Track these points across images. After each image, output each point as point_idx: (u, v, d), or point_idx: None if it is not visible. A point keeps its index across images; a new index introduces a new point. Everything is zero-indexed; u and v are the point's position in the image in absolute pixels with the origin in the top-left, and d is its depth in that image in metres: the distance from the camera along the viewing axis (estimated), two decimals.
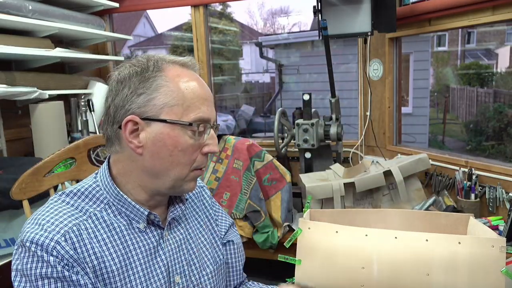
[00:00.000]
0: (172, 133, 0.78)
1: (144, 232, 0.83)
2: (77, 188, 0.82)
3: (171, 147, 0.78)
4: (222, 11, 13.10)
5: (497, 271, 0.93)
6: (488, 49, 13.03)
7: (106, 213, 0.81)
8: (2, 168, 1.80)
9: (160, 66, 0.80)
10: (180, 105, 0.78)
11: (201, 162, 0.83)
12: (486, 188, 1.78)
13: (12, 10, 1.98)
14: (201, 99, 0.80)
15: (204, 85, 0.84)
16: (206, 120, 0.80)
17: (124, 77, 0.80)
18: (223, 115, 7.86)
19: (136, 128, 0.78)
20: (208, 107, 0.81)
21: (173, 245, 0.86)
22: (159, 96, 0.77)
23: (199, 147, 0.81)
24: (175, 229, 0.89)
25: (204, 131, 0.81)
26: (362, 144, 2.49)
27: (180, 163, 0.80)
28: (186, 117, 0.78)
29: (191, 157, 0.80)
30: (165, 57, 0.83)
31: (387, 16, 1.96)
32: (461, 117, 9.75)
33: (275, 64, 7.53)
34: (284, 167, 2.26)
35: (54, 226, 0.74)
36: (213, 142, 0.83)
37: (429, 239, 0.99)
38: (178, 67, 0.82)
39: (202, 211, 0.99)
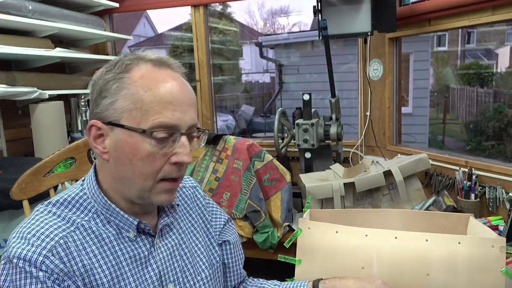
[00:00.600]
0: (130, 140, 0.72)
1: (134, 241, 0.80)
2: (64, 197, 0.79)
3: (130, 155, 0.73)
4: (222, 11, 13.10)
5: (497, 271, 0.93)
6: (488, 49, 13.03)
7: (94, 222, 0.77)
8: (2, 168, 1.80)
9: (127, 66, 0.75)
10: (138, 109, 0.72)
11: (169, 173, 0.75)
12: (486, 188, 1.78)
13: (12, 10, 1.98)
14: (164, 103, 0.72)
15: (180, 87, 0.76)
16: (171, 127, 0.73)
17: (94, 80, 0.78)
18: (223, 115, 7.86)
19: (101, 133, 0.75)
20: (176, 112, 0.73)
21: (165, 253, 0.83)
22: (119, 100, 0.73)
23: (165, 156, 0.74)
24: (166, 236, 0.85)
25: (169, 138, 0.74)
26: (362, 144, 2.49)
27: (142, 173, 0.74)
28: (144, 122, 0.72)
29: (153, 166, 0.74)
30: (140, 55, 0.77)
31: (387, 16, 1.96)
32: (461, 117, 9.75)
33: (275, 64, 7.53)
34: (284, 167, 2.26)
35: (41, 241, 0.71)
36: (183, 151, 0.75)
37: (429, 239, 0.99)
38: (150, 66, 0.75)
39: (196, 212, 0.96)
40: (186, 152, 0.75)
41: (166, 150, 0.74)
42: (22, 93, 2.01)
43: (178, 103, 0.74)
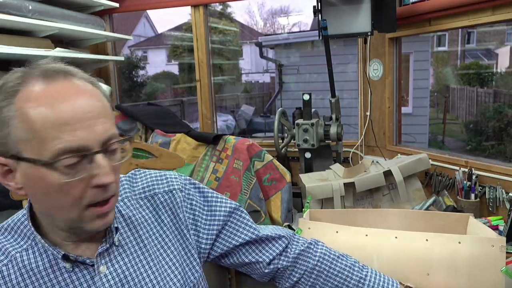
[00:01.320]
0: (37, 173, 0.63)
1: (72, 272, 0.71)
2: (8, 223, 0.74)
3: (42, 189, 0.64)
4: (222, 11, 13.11)
5: (497, 270, 0.93)
6: (488, 49, 13.04)
7: (31, 251, 0.71)
8: None
9: (13, 88, 0.63)
10: (34, 138, 0.61)
11: (94, 197, 0.66)
12: (486, 188, 1.78)
13: (12, 10, 1.98)
14: (60, 125, 0.61)
15: (77, 100, 0.64)
16: (76, 150, 0.62)
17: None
18: (223, 115, 7.87)
19: (7, 169, 0.66)
20: (78, 131, 0.62)
21: (112, 281, 0.73)
22: (13, 130, 0.62)
23: (83, 181, 0.64)
24: (117, 259, 0.75)
25: (81, 161, 0.63)
26: (362, 144, 2.49)
27: (61, 205, 0.65)
28: (44, 152, 0.61)
29: (73, 196, 0.64)
30: (29, 70, 0.66)
31: (387, 16, 1.96)
32: (461, 117, 9.75)
33: (275, 64, 7.54)
34: (284, 167, 2.26)
35: None
36: (101, 171, 0.64)
37: (429, 239, 0.99)
38: (40, 82, 0.64)
39: (173, 221, 0.84)
40: (105, 172, 0.65)
41: (82, 175, 0.64)
42: None
43: (78, 120, 0.62)
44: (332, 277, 0.90)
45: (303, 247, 0.93)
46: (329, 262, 0.91)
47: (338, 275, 0.90)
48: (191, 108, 8.24)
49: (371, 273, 0.92)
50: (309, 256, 0.92)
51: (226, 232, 0.90)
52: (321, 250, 0.93)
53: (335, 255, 0.93)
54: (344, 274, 0.90)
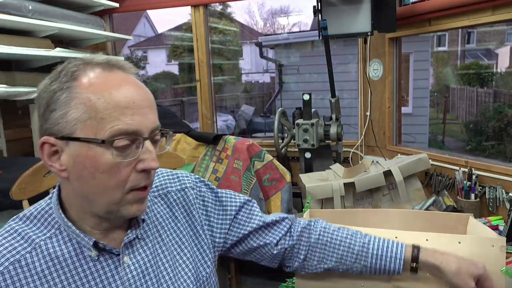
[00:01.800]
0: (89, 152, 0.66)
1: (97, 261, 0.73)
2: (31, 211, 0.75)
3: (91, 169, 0.67)
4: (222, 11, 13.11)
5: (497, 270, 0.93)
6: (488, 49, 13.04)
7: (55, 239, 0.72)
8: (2, 168, 1.80)
9: (73, 73, 0.68)
10: (93, 118, 0.66)
11: (138, 181, 0.70)
12: (486, 188, 1.78)
13: (12, 10, 1.98)
14: (121, 108, 0.66)
15: (135, 89, 0.70)
16: (132, 133, 0.67)
17: (39, 93, 0.71)
18: (223, 115, 7.87)
19: (55, 149, 0.69)
20: (135, 116, 0.67)
21: (134, 271, 0.76)
22: (71, 111, 0.66)
23: (130, 164, 0.69)
24: (140, 251, 0.78)
25: (131, 145, 0.68)
26: (362, 144, 2.49)
27: (107, 186, 0.68)
28: (102, 132, 0.66)
29: (119, 177, 0.68)
30: (87, 59, 0.71)
31: (387, 16, 1.96)
32: (461, 117, 9.76)
33: (275, 64, 7.54)
34: (284, 167, 2.26)
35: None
36: (148, 156, 0.69)
37: (429, 239, 0.99)
38: (99, 70, 0.69)
39: (186, 218, 0.88)
40: (152, 158, 0.70)
41: (130, 158, 0.68)
42: (22, 93, 2.01)
43: (136, 106, 0.68)
44: (336, 247, 0.94)
45: (304, 225, 0.98)
46: (330, 233, 0.95)
47: (341, 243, 0.93)
48: (191, 108, 8.24)
49: (374, 238, 0.94)
50: (311, 231, 0.97)
51: (237, 224, 0.94)
52: (321, 225, 0.98)
53: (335, 227, 0.97)
54: (347, 242, 0.93)
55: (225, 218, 0.93)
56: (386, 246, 0.91)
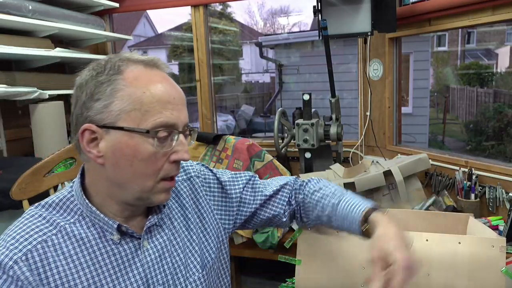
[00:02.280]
0: (130, 141, 0.72)
1: (118, 244, 0.78)
2: (53, 199, 0.79)
3: (130, 156, 0.72)
4: (222, 11, 13.10)
5: (497, 271, 0.93)
6: (488, 49, 13.04)
7: (79, 224, 0.77)
8: (2, 168, 1.80)
9: (119, 67, 0.74)
10: (137, 110, 0.72)
11: (169, 171, 0.76)
12: (486, 188, 1.78)
13: (12, 10, 1.98)
14: (163, 103, 0.73)
15: (172, 86, 0.77)
16: (170, 126, 0.74)
17: (81, 82, 0.75)
18: (223, 115, 7.86)
19: (94, 136, 0.73)
20: (174, 111, 0.74)
21: (153, 255, 0.81)
22: (115, 102, 0.72)
23: (165, 155, 0.75)
24: (157, 236, 0.83)
25: (168, 137, 0.74)
26: (362, 144, 2.49)
27: (143, 173, 0.74)
28: (145, 123, 0.72)
29: (155, 166, 0.74)
30: (129, 56, 0.77)
31: (387, 16, 1.96)
32: (461, 117, 9.75)
33: (275, 64, 7.53)
34: (284, 167, 2.26)
35: (18, 244, 0.72)
36: (182, 148, 0.76)
37: (429, 239, 0.99)
38: (142, 67, 0.76)
39: (192, 206, 0.92)
40: (185, 150, 0.76)
41: (166, 149, 0.74)
42: (22, 93, 2.01)
43: (175, 102, 0.75)
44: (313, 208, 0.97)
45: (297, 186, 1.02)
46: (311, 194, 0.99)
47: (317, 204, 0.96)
48: (191, 108, 8.18)
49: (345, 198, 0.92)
50: (299, 193, 1.02)
51: (243, 204, 0.99)
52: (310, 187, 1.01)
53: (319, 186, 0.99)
54: (320, 203, 0.96)
55: (232, 201, 0.97)
56: (350, 207, 0.89)
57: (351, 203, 0.90)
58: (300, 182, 1.03)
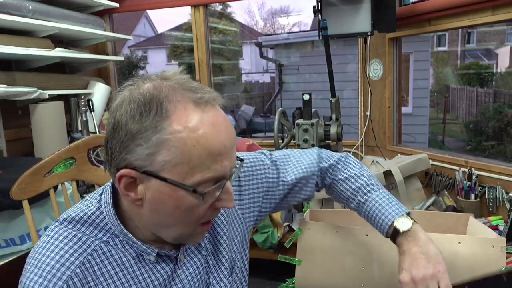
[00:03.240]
0: (173, 194, 0.65)
1: (156, 263, 0.74)
2: (80, 215, 0.73)
3: (172, 207, 0.66)
4: (222, 11, 13.10)
5: (497, 270, 0.93)
6: (488, 49, 13.03)
7: (113, 243, 0.72)
8: (2, 168, 1.80)
9: (166, 110, 0.63)
10: (185, 164, 0.63)
11: (210, 217, 0.71)
12: (486, 188, 1.78)
13: (12, 10, 1.98)
14: (214, 155, 0.64)
15: (225, 130, 0.66)
16: (218, 179, 0.66)
17: (119, 119, 0.65)
18: None
19: (133, 180, 0.66)
20: (224, 162, 0.65)
21: (191, 269, 0.78)
22: (161, 151, 0.63)
23: (209, 203, 0.68)
24: (195, 252, 0.80)
25: (215, 190, 0.67)
26: (362, 144, 2.49)
27: (184, 222, 0.69)
28: (191, 178, 0.64)
29: (197, 215, 0.68)
30: (177, 87, 0.65)
31: (387, 16, 1.96)
32: (461, 117, 9.75)
33: (275, 64, 7.53)
34: None
35: (56, 271, 0.66)
36: (228, 197, 0.69)
37: None
38: (191, 106, 0.64)
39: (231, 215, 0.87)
40: (231, 199, 0.70)
41: (211, 200, 0.68)
42: (22, 93, 2.01)
43: (226, 151, 0.66)
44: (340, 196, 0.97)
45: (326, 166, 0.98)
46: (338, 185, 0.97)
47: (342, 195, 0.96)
48: None
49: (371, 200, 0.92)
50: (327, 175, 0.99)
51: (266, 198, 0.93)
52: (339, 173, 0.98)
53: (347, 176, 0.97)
54: (346, 196, 0.96)
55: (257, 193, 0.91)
56: (376, 214, 0.89)
57: (378, 209, 0.89)
58: (330, 162, 0.98)
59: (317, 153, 1.00)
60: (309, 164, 0.96)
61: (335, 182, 0.97)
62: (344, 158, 1.01)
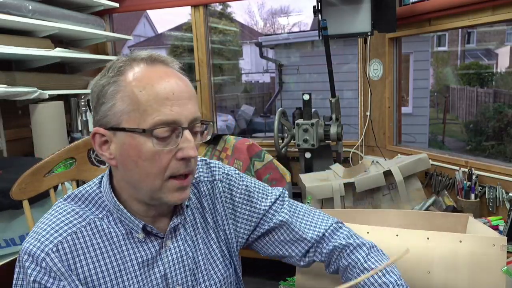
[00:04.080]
0: (133, 142, 0.72)
1: (143, 242, 0.80)
2: (82, 193, 0.81)
3: (135, 157, 0.73)
4: (222, 11, 13.10)
5: (497, 270, 0.93)
6: (488, 49, 13.03)
7: (107, 220, 0.79)
8: (2, 168, 1.79)
9: (120, 69, 0.74)
10: (136, 110, 0.71)
11: (176, 169, 0.74)
12: (486, 188, 1.78)
13: (12, 10, 1.98)
14: (162, 99, 0.71)
15: (175, 81, 0.74)
16: (171, 122, 0.72)
17: (91, 88, 0.78)
18: (223, 115, 7.85)
19: (105, 139, 0.75)
20: (174, 107, 0.72)
21: (175, 255, 0.82)
22: (116, 104, 0.72)
23: (170, 153, 0.73)
24: (181, 236, 0.84)
25: (170, 135, 0.73)
26: (362, 144, 2.49)
27: (149, 173, 0.73)
28: (144, 123, 0.71)
29: (159, 165, 0.72)
30: (133, 56, 0.76)
31: (387, 16, 1.96)
32: (461, 117, 9.74)
33: (275, 64, 7.53)
34: (284, 167, 2.26)
35: (49, 235, 0.74)
36: (188, 145, 0.73)
37: (430, 237, 0.99)
38: (143, 65, 0.74)
39: (211, 210, 0.90)
40: (191, 146, 0.73)
41: (170, 147, 0.73)
42: (22, 93, 2.01)
43: (175, 97, 0.72)
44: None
45: (337, 244, 0.89)
46: (358, 271, 0.85)
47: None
48: None
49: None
50: (342, 256, 0.89)
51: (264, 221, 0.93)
52: (356, 255, 0.87)
53: (369, 263, 0.85)
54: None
55: (252, 216, 0.92)
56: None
57: None
58: (349, 241, 0.88)
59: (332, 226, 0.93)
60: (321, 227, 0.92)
61: (355, 267, 0.85)
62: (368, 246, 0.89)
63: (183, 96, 0.73)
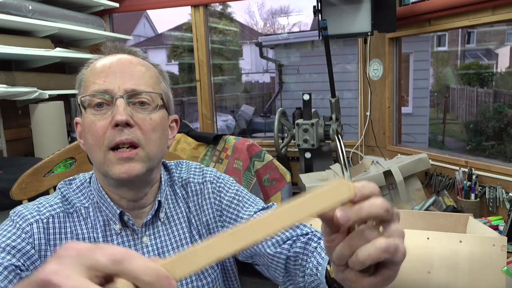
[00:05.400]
0: (83, 119, 0.76)
1: (119, 235, 0.80)
2: (81, 180, 0.85)
3: (84, 132, 0.77)
4: (222, 11, 13.10)
5: (497, 269, 0.93)
6: (488, 49, 13.03)
7: (91, 209, 0.81)
8: (2, 168, 1.79)
9: (90, 63, 0.81)
10: (82, 87, 0.78)
11: (111, 138, 0.72)
12: (486, 188, 1.78)
13: (12, 10, 1.98)
14: (97, 73, 0.75)
15: (119, 59, 0.77)
16: (103, 92, 0.73)
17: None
18: (223, 115, 7.86)
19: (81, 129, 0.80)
20: (108, 78, 0.74)
21: (152, 253, 0.80)
22: (80, 89, 0.80)
23: (106, 121, 0.73)
24: (160, 233, 0.82)
25: (105, 104, 0.74)
26: (362, 144, 2.49)
27: (91, 145, 0.75)
28: (84, 97, 0.76)
29: (96, 135, 0.73)
30: (105, 51, 0.82)
31: (387, 16, 1.96)
32: (461, 117, 9.74)
33: (275, 64, 7.53)
34: (284, 167, 2.26)
35: (43, 208, 0.79)
36: (116, 111, 0.72)
37: (430, 237, 0.99)
38: (107, 56, 0.80)
39: (197, 211, 0.89)
40: (119, 111, 0.72)
41: (106, 116, 0.73)
42: (22, 93, 2.01)
43: (111, 71, 0.75)
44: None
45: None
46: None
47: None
48: (191, 108, 8.24)
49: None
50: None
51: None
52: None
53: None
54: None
55: (237, 219, 0.89)
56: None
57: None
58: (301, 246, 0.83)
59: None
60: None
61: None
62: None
63: (123, 70, 0.75)
